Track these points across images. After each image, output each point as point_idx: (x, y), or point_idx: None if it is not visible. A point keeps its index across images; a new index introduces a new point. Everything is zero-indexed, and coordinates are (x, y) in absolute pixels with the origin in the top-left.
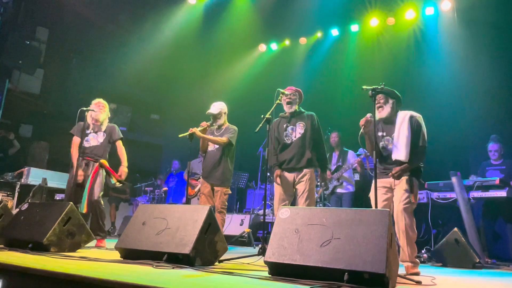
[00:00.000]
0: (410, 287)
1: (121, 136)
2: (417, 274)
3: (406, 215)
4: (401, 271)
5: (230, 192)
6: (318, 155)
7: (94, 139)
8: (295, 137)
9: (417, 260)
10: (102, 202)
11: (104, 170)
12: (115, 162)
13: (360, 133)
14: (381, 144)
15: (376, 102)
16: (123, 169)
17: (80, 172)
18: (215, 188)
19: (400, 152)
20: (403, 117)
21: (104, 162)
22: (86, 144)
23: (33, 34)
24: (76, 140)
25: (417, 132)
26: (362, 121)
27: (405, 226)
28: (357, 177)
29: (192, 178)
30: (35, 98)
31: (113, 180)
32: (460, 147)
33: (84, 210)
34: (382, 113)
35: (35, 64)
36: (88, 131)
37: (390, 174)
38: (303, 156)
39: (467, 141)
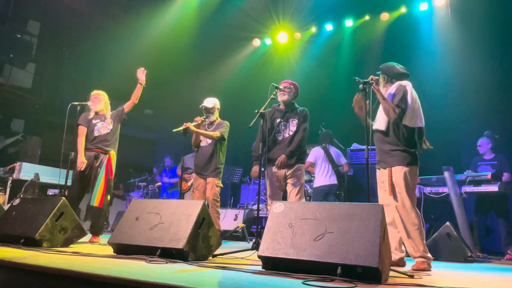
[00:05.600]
0: (402, 280)
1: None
2: (425, 270)
3: (407, 208)
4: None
5: (222, 185)
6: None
7: (104, 127)
8: (287, 134)
9: (429, 255)
10: (108, 197)
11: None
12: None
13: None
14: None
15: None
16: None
17: (86, 164)
18: (207, 179)
19: (380, 122)
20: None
21: (113, 155)
22: (96, 133)
23: (25, 27)
24: (82, 129)
25: None
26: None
27: (408, 221)
28: (351, 172)
29: (185, 173)
30: (26, 92)
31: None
32: (453, 142)
33: (98, 204)
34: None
35: (26, 58)
36: (95, 121)
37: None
38: (293, 153)
39: (459, 136)
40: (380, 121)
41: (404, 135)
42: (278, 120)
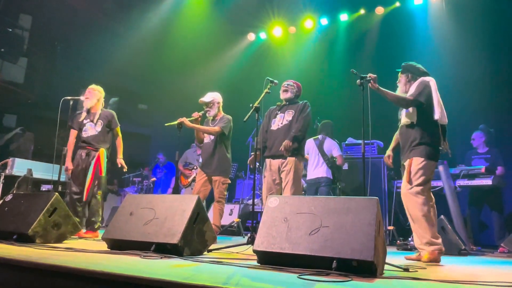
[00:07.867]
0: (397, 273)
1: (118, 124)
2: (435, 260)
3: (413, 193)
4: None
5: (229, 181)
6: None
7: (92, 128)
8: (281, 123)
9: (439, 241)
10: (99, 192)
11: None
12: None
13: None
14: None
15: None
16: (119, 161)
17: (80, 162)
18: (212, 178)
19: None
20: None
21: (102, 152)
22: (84, 135)
23: (16, 21)
24: (73, 133)
25: None
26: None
27: (415, 208)
28: (345, 166)
29: (186, 168)
30: (19, 87)
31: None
32: (447, 136)
33: (84, 198)
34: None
35: (18, 52)
36: (85, 121)
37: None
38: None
39: (453, 130)
40: (406, 117)
41: (430, 130)
42: (275, 113)
